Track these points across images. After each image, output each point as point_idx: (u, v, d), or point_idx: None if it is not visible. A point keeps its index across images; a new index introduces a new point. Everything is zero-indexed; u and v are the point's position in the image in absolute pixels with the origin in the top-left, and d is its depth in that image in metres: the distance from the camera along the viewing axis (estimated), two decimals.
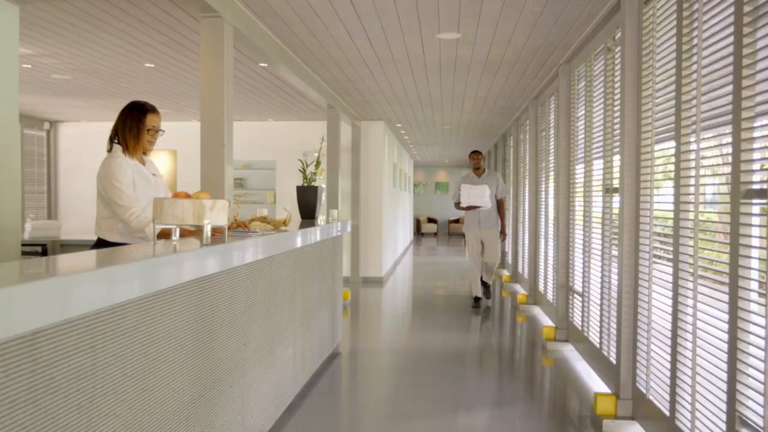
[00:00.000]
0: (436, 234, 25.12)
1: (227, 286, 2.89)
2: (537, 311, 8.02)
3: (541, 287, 7.99)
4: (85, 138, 11.28)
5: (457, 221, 25.21)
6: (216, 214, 2.63)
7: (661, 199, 3.67)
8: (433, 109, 9.62)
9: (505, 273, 11.77)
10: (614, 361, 4.25)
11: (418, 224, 24.96)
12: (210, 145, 4.23)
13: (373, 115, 10.25)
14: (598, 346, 4.88)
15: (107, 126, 3.41)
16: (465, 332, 6.94)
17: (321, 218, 5.92)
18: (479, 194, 8.15)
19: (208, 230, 2.58)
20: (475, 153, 8.38)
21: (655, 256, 3.68)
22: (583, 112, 5.67)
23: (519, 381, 5.29)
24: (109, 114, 10.33)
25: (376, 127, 10.85)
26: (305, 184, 5.87)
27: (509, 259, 11.58)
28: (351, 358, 5.89)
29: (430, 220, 25.30)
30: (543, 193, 8.00)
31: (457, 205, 8.36)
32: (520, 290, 9.46)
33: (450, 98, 8.55)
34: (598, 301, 4.92)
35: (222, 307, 2.83)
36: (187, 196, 2.73)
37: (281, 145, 10.79)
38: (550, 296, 7.28)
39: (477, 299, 8.36)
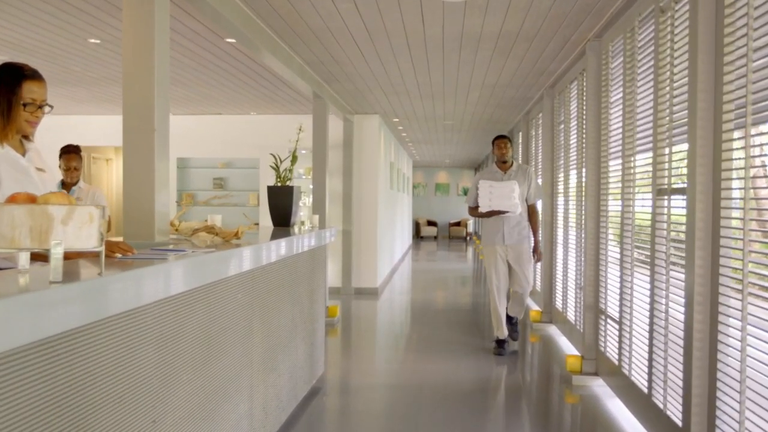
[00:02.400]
0: (436, 237, 24.05)
1: (115, 340, 1.83)
2: (553, 331, 6.94)
3: (558, 304, 6.92)
4: (53, 132, 10.18)
5: (458, 224, 24.14)
6: (75, 230, 1.56)
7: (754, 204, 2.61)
8: (433, 101, 8.56)
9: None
10: (679, 422, 3.18)
11: (417, 227, 23.88)
12: (134, 129, 3.14)
13: (367, 107, 9.18)
14: (645, 389, 3.82)
15: (73, 120, 2.47)
16: (471, 358, 5.88)
17: (306, 224, 4.87)
18: (505, 194, 5.83)
19: (57, 255, 1.51)
20: (502, 139, 6.07)
21: (748, 283, 2.62)
22: (619, 95, 4.60)
23: (540, 426, 4.23)
24: (74, 106, 9.27)
25: (371, 121, 9.79)
26: (279, 184, 4.82)
27: None
28: (334, 396, 4.82)
29: (430, 223, 24.23)
30: (560, 194, 6.93)
31: (474, 210, 6.06)
32: (532, 305, 8.39)
33: (453, 87, 7.48)
34: (646, 333, 3.86)
35: (105, 375, 1.77)
36: (32, 200, 1.65)
37: (266, 141, 9.65)
38: (571, 317, 6.20)
39: (501, 342, 6.00)
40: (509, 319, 6.18)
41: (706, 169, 2.95)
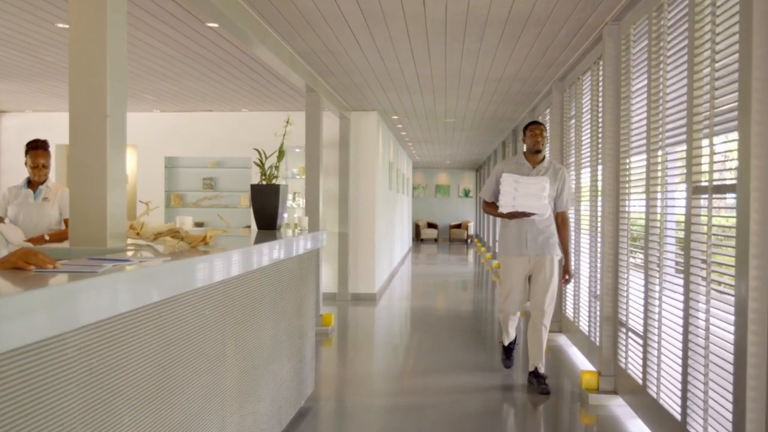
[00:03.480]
0: (436, 240, 23.55)
1: (12, 384, 1.35)
2: (564, 342, 6.46)
3: (569, 313, 6.44)
4: (30, 131, 9.71)
5: (458, 226, 23.65)
6: None
7: None
8: (434, 96, 8.08)
9: None
10: None
11: (417, 229, 23.39)
12: (82, 114, 2.64)
13: (364, 103, 8.71)
14: (678, 416, 3.34)
15: (56, 117, 2.04)
16: (476, 372, 5.39)
17: (299, 226, 4.42)
18: (534, 193, 4.69)
19: None
20: (537, 125, 4.91)
21: None
22: (642, 83, 4.13)
23: None
24: (54, 102, 8.79)
25: (369, 118, 9.31)
26: (263, 182, 4.35)
27: None
28: (325, 418, 4.33)
29: (430, 225, 23.73)
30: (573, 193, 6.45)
31: (491, 207, 4.96)
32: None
33: (455, 80, 7.01)
34: (678, 351, 3.38)
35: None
36: None
37: (258, 139, 9.11)
38: (584, 327, 5.72)
39: (509, 350, 5.20)
40: (536, 375, 4.83)
41: (762, 161, 2.47)
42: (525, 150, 4.94)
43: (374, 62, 6.18)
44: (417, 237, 23.38)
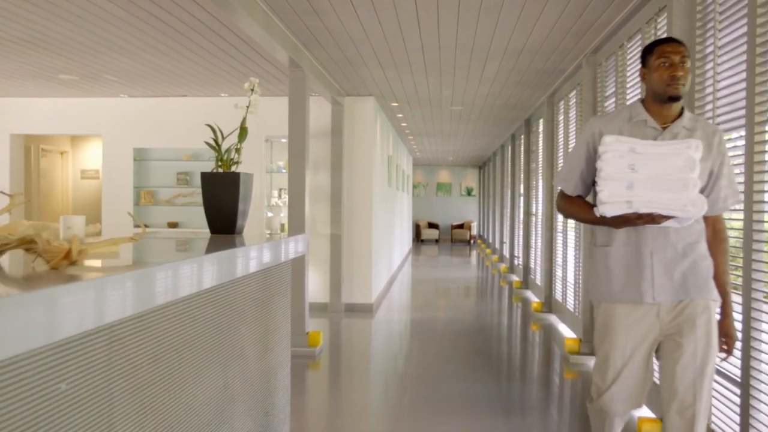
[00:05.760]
0: (437, 241, 22.44)
1: None
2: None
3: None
4: None
5: (461, 226, 22.53)
6: None
7: None
8: (441, 77, 6.98)
9: (535, 299, 9.11)
10: None
11: (417, 229, 22.27)
12: None
13: (359, 86, 7.60)
14: None
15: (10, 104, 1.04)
16: (495, 411, 4.29)
17: (270, 228, 3.35)
18: (669, 173, 2.36)
19: None
20: (674, 44, 2.44)
21: None
22: (732, 36, 3.03)
23: None
24: (5, 85, 7.67)
25: (365, 104, 8.20)
26: (220, 170, 3.25)
27: (539, 277, 8.91)
28: None
29: (431, 226, 22.62)
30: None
31: (575, 205, 2.67)
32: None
33: (467, 54, 5.91)
34: None
35: None
36: None
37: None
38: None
39: None
40: None
41: None
42: (648, 94, 2.51)
43: (370, 28, 5.08)
44: (417, 237, 22.28)
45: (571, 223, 6.66)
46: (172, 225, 8.49)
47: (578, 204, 2.62)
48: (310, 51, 5.86)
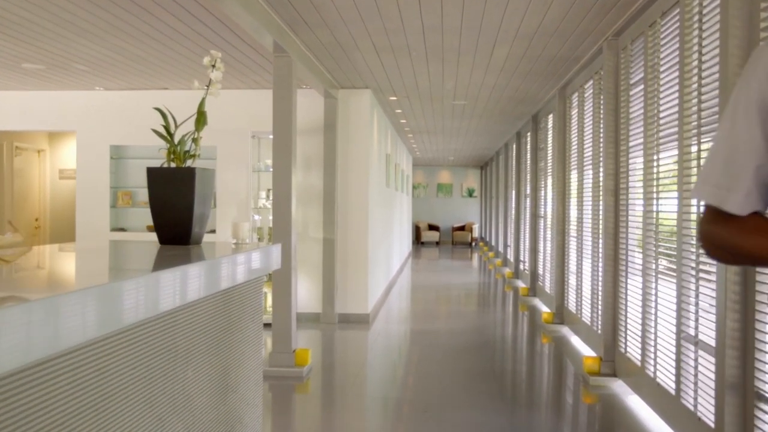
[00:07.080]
0: (438, 243, 21.78)
1: None
2: (620, 388, 4.71)
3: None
4: None
5: (462, 228, 21.88)
6: None
7: None
8: (444, 66, 6.34)
9: (544, 308, 8.48)
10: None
11: (417, 232, 21.62)
12: None
13: (354, 78, 6.96)
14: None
15: None
16: None
17: (237, 236, 2.75)
18: None
19: None
20: None
21: None
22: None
23: None
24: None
25: (361, 98, 7.56)
26: (172, 164, 2.62)
27: (548, 282, 8.27)
28: None
29: (432, 227, 21.97)
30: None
31: (752, 230, 1.10)
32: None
33: (474, 37, 5.27)
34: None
35: None
36: None
37: (222, 124, 7.37)
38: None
39: None
40: None
41: None
42: None
43: (363, 5, 4.44)
44: (417, 240, 21.63)
45: (588, 227, 6.02)
46: (152, 229, 7.84)
47: (763, 229, 1.13)
48: (297, 34, 5.22)
